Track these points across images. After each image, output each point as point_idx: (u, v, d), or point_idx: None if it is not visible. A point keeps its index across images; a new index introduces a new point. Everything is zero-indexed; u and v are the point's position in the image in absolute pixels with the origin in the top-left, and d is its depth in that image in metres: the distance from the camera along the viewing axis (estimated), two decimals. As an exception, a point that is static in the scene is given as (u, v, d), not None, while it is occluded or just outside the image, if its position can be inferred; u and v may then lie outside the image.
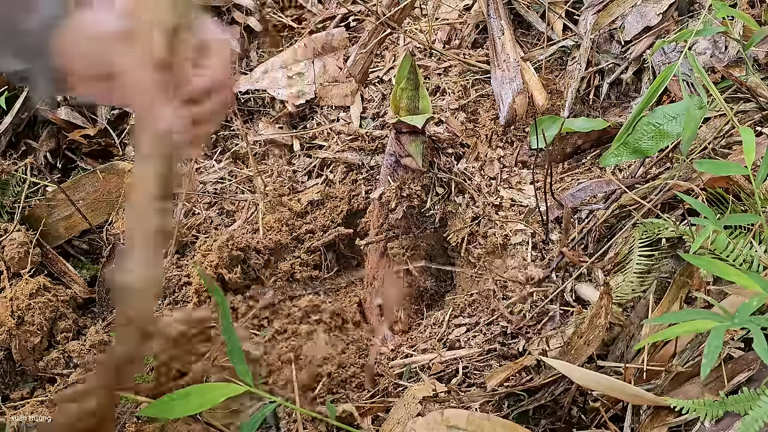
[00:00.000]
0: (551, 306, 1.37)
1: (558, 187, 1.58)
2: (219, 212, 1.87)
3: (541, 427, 1.14)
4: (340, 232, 1.76)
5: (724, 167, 1.13)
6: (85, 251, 1.87)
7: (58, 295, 1.66)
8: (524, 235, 1.60)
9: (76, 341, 1.62)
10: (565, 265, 1.40)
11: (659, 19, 1.70)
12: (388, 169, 1.67)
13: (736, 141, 1.40)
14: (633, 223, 1.35)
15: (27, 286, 1.62)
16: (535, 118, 1.66)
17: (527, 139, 1.75)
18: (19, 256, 1.68)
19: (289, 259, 1.73)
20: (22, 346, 1.55)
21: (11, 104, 2.06)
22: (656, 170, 1.50)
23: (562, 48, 1.83)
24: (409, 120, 1.59)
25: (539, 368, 1.23)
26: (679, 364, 1.06)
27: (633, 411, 1.07)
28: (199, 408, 0.85)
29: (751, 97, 1.45)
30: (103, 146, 2.10)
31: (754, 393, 0.90)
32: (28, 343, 1.56)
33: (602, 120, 1.61)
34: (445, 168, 1.76)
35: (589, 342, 1.13)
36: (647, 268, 1.26)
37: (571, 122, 1.61)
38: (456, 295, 1.69)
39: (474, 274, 1.65)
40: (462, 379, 1.34)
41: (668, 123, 1.36)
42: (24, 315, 1.57)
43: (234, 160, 2.00)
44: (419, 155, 1.63)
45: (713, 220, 1.06)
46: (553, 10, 1.89)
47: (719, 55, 1.58)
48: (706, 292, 1.14)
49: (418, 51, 1.99)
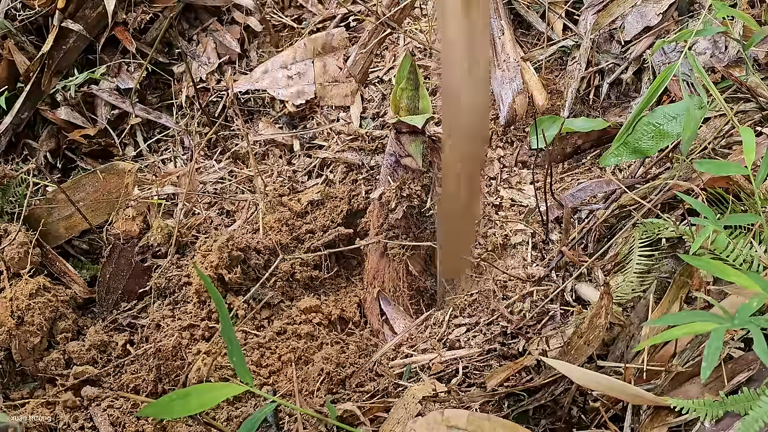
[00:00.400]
0: (551, 306, 1.37)
1: (558, 187, 1.58)
2: (219, 212, 1.87)
3: (541, 427, 1.14)
4: (340, 232, 1.76)
5: (724, 167, 1.13)
6: (85, 251, 1.87)
7: (58, 296, 1.66)
8: (524, 235, 1.60)
9: (76, 341, 1.62)
10: (565, 264, 1.40)
11: (659, 19, 1.70)
12: (388, 169, 1.67)
13: (736, 141, 1.40)
14: (633, 223, 1.35)
15: (27, 286, 1.61)
16: (535, 119, 1.66)
17: (527, 139, 1.75)
18: (19, 256, 1.68)
19: (289, 259, 1.73)
20: (21, 347, 1.55)
21: (11, 104, 2.06)
22: (656, 170, 1.50)
23: (562, 48, 1.83)
24: (409, 120, 1.59)
25: (539, 368, 1.23)
26: (679, 365, 1.06)
27: (633, 411, 1.07)
28: (199, 408, 0.85)
29: (751, 97, 1.45)
30: (103, 146, 2.10)
31: (754, 393, 0.90)
32: (27, 344, 1.56)
33: (602, 120, 1.62)
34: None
35: (589, 342, 1.13)
36: (647, 268, 1.26)
37: (571, 122, 1.61)
38: (456, 295, 1.69)
39: (474, 274, 1.65)
40: (462, 379, 1.34)
41: (668, 123, 1.36)
42: (24, 315, 1.57)
43: (234, 160, 2.00)
44: (419, 155, 1.63)
45: (713, 220, 1.06)
46: (553, 10, 1.89)
47: (719, 55, 1.58)
48: (706, 292, 1.14)
49: (418, 51, 1.99)
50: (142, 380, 1.53)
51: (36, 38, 2.20)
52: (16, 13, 2.18)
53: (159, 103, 2.17)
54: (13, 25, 2.15)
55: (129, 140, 2.13)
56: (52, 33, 2.09)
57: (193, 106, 2.09)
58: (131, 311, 1.71)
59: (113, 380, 1.55)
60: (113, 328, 1.66)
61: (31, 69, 2.08)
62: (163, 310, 1.65)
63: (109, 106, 2.15)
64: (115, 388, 1.52)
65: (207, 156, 2.03)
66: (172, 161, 2.03)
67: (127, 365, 1.57)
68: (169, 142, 2.09)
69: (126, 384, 1.53)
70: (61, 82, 2.13)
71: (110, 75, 2.18)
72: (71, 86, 2.11)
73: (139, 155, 2.09)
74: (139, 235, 1.84)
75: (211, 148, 2.05)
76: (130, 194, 1.86)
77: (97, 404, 1.49)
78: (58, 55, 2.09)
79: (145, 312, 1.69)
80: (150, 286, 1.71)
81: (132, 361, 1.56)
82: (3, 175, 1.85)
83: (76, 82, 2.12)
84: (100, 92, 2.14)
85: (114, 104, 2.14)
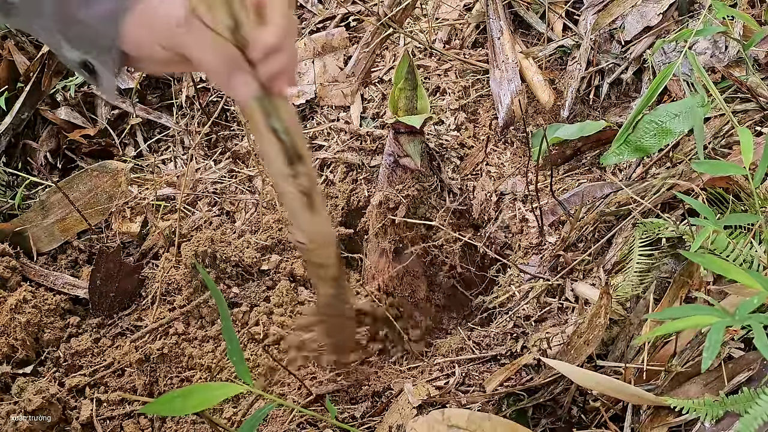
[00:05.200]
0: (551, 305, 1.37)
1: (558, 188, 1.58)
2: (219, 212, 1.87)
3: (541, 427, 1.14)
4: (339, 232, 1.76)
5: (722, 167, 1.13)
6: (80, 251, 1.86)
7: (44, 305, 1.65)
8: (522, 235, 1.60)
9: (66, 343, 1.61)
10: (565, 264, 1.40)
11: (659, 19, 1.70)
12: (387, 169, 1.67)
13: (736, 141, 1.40)
14: (633, 222, 1.35)
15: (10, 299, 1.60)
16: (528, 132, 1.66)
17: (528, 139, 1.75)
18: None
19: (289, 259, 1.73)
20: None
21: (11, 104, 2.06)
22: (656, 170, 1.50)
23: (561, 48, 1.83)
24: (407, 120, 1.59)
25: (539, 368, 1.22)
26: (679, 364, 1.06)
27: (633, 411, 1.07)
28: (198, 407, 0.85)
29: (751, 97, 1.45)
30: (103, 146, 2.10)
31: (754, 393, 0.90)
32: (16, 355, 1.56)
33: (597, 123, 1.61)
34: (446, 169, 1.76)
35: (588, 342, 1.13)
36: (647, 268, 1.26)
37: (564, 129, 1.60)
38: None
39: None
40: (461, 380, 1.34)
41: (670, 120, 1.36)
42: (7, 329, 1.56)
43: (234, 160, 1.99)
44: (418, 155, 1.63)
45: (713, 220, 1.06)
46: (553, 10, 1.89)
47: (719, 55, 1.58)
48: (706, 291, 1.14)
49: (418, 51, 1.99)
50: (140, 381, 1.53)
51: (36, 38, 2.20)
52: (16, 13, 2.18)
53: (159, 103, 2.17)
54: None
55: (129, 140, 2.13)
56: (52, 33, 2.08)
57: (193, 106, 2.09)
58: (125, 313, 1.70)
59: (112, 381, 1.54)
60: (109, 331, 1.65)
61: (31, 69, 2.08)
62: (160, 310, 1.64)
63: (109, 106, 2.15)
64: (112, 389, 1.52)
65: (207, 156, 2.02)
66: (172, 161, 2.03)
67: (125, 367, 1.56)
68: (169, 142, 2.09)
69: (123, 386, 1.53)
70: (61, 82, 2.13)
71: (110, 75, 2.18)
72: (71, 86, 2.11)
73: (139, 155, 2.09)
74: (138, 235, 1.84)
75: (210, 148, 2.05)
76: (126, 194, 1.86)
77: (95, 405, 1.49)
78: (58, 55, 2.09)
79: (143, 313, 1.68)
80: (145, 287, 1.71)
81: (129, 363, 1.55)
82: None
83: (76, 82, 2.12)
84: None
85: (114, 104, 2.14)
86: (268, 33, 0.86)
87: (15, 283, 1.71)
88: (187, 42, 0.85)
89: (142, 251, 1.80)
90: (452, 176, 1.76)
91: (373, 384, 1.35)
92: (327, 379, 1.40)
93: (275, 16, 0.87)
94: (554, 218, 1.55)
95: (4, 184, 2.01)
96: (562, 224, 1.53)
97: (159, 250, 1.77)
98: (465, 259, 1.73)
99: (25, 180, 1.97)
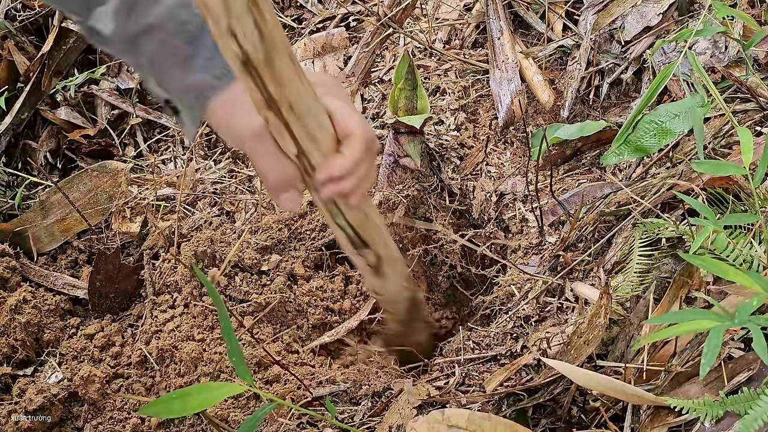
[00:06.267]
0: (551, 305, 1.37)
1: (558, 188, 1.58)
2: (219, 212, 1.87)
3: (541, 427, 1.14)
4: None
5: (722, 167, 1.13)
6: (80, 251, 1.86)
7: (43, 306, 1.65)
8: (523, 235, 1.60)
9: (66, 342, 1.61)
10: (565, 264, 1.40)
11: (659, 19, 1.70)
12: (387, 170, 1.68)
13: (736, 141, 1.40)
14: (633, 223, 1.35)
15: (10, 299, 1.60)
16: (528, 132, 1.66)
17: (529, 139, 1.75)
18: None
19: (289, 259, 1.73)
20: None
21: (11, 104, 2.06)
22: (656, 170, 1.50)
23: (562, 48, 1.83)
24: (407, 120, 1.60)
25: (539, 368, 1.22)
26: (679, 364, 1.06)
27: (633, 411, 1.07)
28: (198, 407, 0.85)
29: (751, 97, 1.45)
30: (103, 146, 2.10)
31: (754, 393, 0.90)
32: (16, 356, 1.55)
33: (596, 123, 1.60)
34: (446, 169, 1.76)
35: (588, 342, 1.13)
36: (647, 268, 1.26)
37: (564, 130, 1.60)
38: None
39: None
40: (461, 380, 1.34)
41: (671, 120, 1.36)
42: (7, 329, 1.56)
43: (234, 160, 1.99)
44: (418, 155, 1.63)
45: (713, 220, 1.06)
46: (553, 10, 1.89)
47: (719, 55, 1.58)
48: (706, 292, 1.14)
49: (418, 51, 1.99)
50: (140, 382, 1.53)
51: (36, 38, 2.20)
52: (16, 13, 2.18)
53: (159, 103, 2.17)
54: (13, 25, 2.15)
55: (129, 140, 2.12)
56: (52, 33, 2.09)
57: (193, 107, 2.09)
58: (125, 313, 1.70)
59: (112, 382, 1.54)
60: (109, 331, 1.65)
61: (31, 69, 2.08)
62: (159, 311, 1.64)
63: (109, 106, 2.15)
64: (112, 389, 1.52)
65: (206, 156, 2.02)
66: (172, 161, 2.03)
67: (124, 367, 1.56)
68: (169, 142, 2.09)
69: (123, 386, 1.53)
70: (61, 82, 2.13)
71: (110, 75, 2.18)
72: (71, 86, 2.11)
73: (139, 155, 2.09)
74: (138, 235, 1.84)
75: (210, 148, 2.05)
76: (126, 194, 1.86)
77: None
78: (58, 55, 2.09)
79: (142, 314, 1.68)
80: (145, 287, 1.70)
81: (129, 364, 1.56)
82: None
83: (76, 82, 2.12)
84: (100, 92, 2.14)
85: (114, 104, 2.14)
86: (336, 164, 0.92)
87: (15, 283, 1.71)
88: (256, 151, 0.93)
89: (142, 251, 1.80)
90: (452, 176, 1.76)
91: (373, 384, 1.35)
92: (327, 380, 1.40)
93: (352, 145, 0.92)
94: (554, 218, 1.55)
95: (4, 184, 2.01)
96: (562, 224, 1.53)
97: (159, 250, 1.76)
98: (465, 259, 1.74)
99: (25, 180, 1.97)
